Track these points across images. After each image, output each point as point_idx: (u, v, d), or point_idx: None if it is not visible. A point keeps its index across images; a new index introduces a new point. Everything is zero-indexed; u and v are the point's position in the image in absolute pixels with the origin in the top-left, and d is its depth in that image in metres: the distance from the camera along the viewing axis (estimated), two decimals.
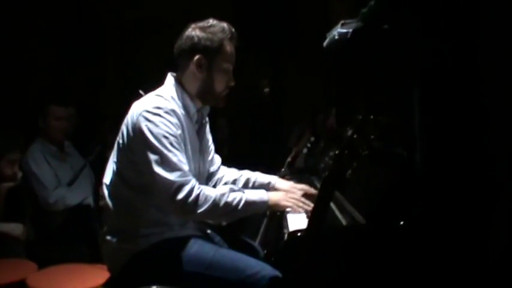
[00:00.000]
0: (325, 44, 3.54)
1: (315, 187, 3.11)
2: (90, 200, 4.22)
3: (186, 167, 2.49)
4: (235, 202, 2.53)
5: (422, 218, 1.99)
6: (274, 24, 7.32)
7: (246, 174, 3.10)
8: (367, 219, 2.05)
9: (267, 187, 3.00)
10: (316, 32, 7.41)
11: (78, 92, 6.98)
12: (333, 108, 4.93)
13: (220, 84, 2.68)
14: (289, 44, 7.68)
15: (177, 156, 2.47)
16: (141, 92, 3.34)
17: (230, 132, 6.41)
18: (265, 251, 3.06)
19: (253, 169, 3.17)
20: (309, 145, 4.83)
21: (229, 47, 2.65)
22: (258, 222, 4.36)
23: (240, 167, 3.20)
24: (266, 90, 7.37)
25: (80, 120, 5.04)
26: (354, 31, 2.95)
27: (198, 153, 2.75)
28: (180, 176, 2.44)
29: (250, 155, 5.74)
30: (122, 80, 7.64)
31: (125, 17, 7.66)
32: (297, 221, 2.51)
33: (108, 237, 2.62)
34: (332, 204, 2.59)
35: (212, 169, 3.06)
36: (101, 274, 3.19)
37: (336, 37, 3.14)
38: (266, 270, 2.51)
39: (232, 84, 2.72)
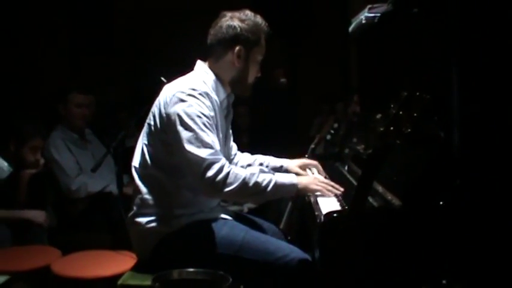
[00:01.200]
0: (350, 29, 3.50)
1: (339, 173, 3.08)
2: (112, 187, 4.19)
3: (217, 147, 2.49)
4: (264, 183, 2.52)
5: (461, 198, 1.94)
6: (290, 13, 7.29)
7: (259, 158, 3.16)
8: (404, 201, 2.01)
9: (280, 170, 3.04)
10: (333, 20, 7.48)
11: (94, 80, 6.97)
12: (355, 95, 4.90)
13: (253, 75, 2.73)
14: (305, 32, 7.66)
15: (210, 136, 2.47)
16: (163, 79, 3.32)
17: (250, 120, 6.38)
18: (289, 237, 3.04)
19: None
20: (332, 131, 4.81)
21: (264, 40, 2.71)
22: (280, 208, 4.34)
23: (262, 154, 3.22)
24: (283, 80, 7.39)
25: (99, 109, 5.01)
26: (383, 15, 2.91)
27: (225, 139, 2.78)
28: (211, 154, 2.44)
29: (270, 143, 5.71)
30: (136, 69, 7.65)
31: (138, 5, 7.65)
32: (328, 205, 2.47)
33: (138, 219, 2.60)
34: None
35: (231, 156, 3.09)
36: (125, 260, 3.18)
37: (363, 21, 3.10)
38: (296, 252, 2.52)
39: (259, 75, 2.77)
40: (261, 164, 3.10)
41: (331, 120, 5.38)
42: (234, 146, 3.14)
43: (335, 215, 2.04)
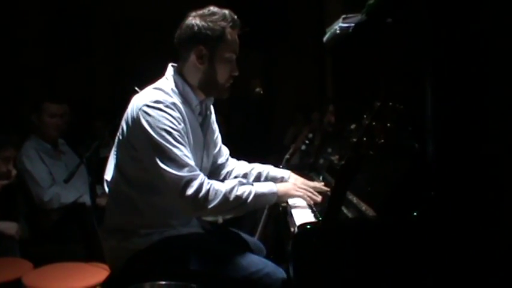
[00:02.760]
0: (325, 39, 3.51)
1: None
2: (85, 198, 4.13)
3: (192, 162, 2.41)
4: (245, 195, 2.47)
5: (436, 209, 1.94)
6: (265, 23, 7.30)
7: (257, 167, 3.03)
8: (379, 212, 2.01)
9: (280, 181, 2.93)
10: (308, 30, 7.51)
11: (70, 88, 6.91)
12: (330, 105, 4.92)
13: (223, 75, 2.57)
14: (281, 42, 7.67)
15: (182, 151, 2.38)
16: (136, 88, 3.29)
17: (226, 130, 6.36)
18: (265, 249, 3.03)
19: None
20: (307, 142, 4.81)
21: (231, 36, 2.53)
22: (255, 217, 4.33)
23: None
24: (258, 90, 7.37)
25: (73, 118, 4.96)
26: (357, 25, 2.92)
27: (202, 147, 2.68)
28: (188, 171, 2.36)
29: (244, 153, 5.69)
30: (114, 76, 7.61)
31: (116, 12, 7.63)
32: (302, 216, 2.46)
33: (109, 235, 2.57)
34: None
35: (220, 161, 2.99)
36: (98, 272, 3.16)
37: (338, 31, 3.10)
38: (269, 267, 2.49)
39: (236, 74, 2.61)
40: (259, 174, 2.98)
41: (306, 131, 5.38)
42: (225, 151, 3.03)
43: (308, 226, 2.03)
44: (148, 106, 2.40)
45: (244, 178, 2.85)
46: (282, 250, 3.14)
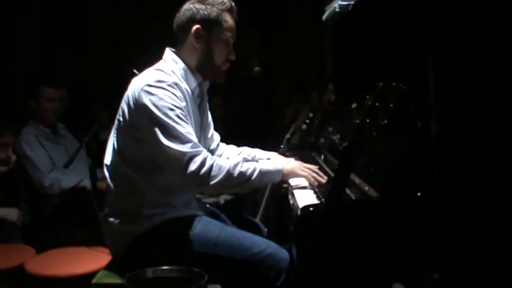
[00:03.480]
0: (324, 17, 3.47)
1: (315, 163, 3.06)
2: (85, 183, 4.12)
3: (195, 139, 2.42)
4: (249, 172, 2.47)
5: (439, 189, 1.93)
6: (263, 2, 7.25)
7: (246, 151, 3.05)
8: (381, 193, 1.99)
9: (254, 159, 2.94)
10: (306, 9, 7.45)
11: (66, 72, 6.87)
12: (329, 84, 4.89)
13: (220, 57, 2.60)
14: (279, 21, 7.62)
15: (185, 128, 2.39)
16: (135, 71, 3.27)
17: (224, 111, 6.34)
18: (266, 229, 3.02)
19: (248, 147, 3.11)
20: (307, 121, 4.78)
21: (228, 18, 2.59)
22: (257, 198, 4.32)
23: (236, 145, 3.15)
24: (257, 69, 7.35)
25: (70, 102, 4.94)
26: (356, 3, 2.88)
27: (200, 129, 2.69)
28: (192, 147, 2.37)
29: (244, 133, 5.68)
30: (110, 59, 7.58)
31: None
32: (304, 197, 2.45)
33: (111, 219, 2.55)
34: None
35: (212, 146, 3.00)
36: (100, 257, 3.15)
37: (337, 10, 3.07)
38: (272, 248, 2.48)
39: (233, 57, 2.64)
40: (246, 157, 2.98)
41: (306, 110, 5.34)
42: (216, 137, 3.05)
43: (311, 208, 2.02)
44: (150, 85, 2.41)
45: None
46: (284, 230, 3.14)
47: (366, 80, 3.04)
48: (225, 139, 3.17)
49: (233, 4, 2.61)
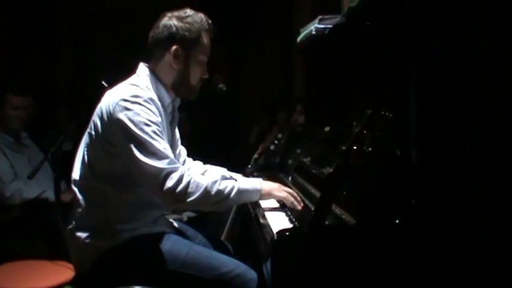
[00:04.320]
0: (299, 39, 3.49)
1: (284, 184, 3.05)
2: (47, 194, 4.04)
3: (172, 155, 2.39)
4: (227, 190, 2.44)
5: (417, 217, 1.94)
6: (233, 20, 7.26)
7: (211, 169, 3.04)
8: (358, 219, 1.99)
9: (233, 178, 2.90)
10: (277, 29, 7.50)
11: (33, 78, 6.77)
12: (298, 105, 4.90)
13: (195, 77, 2.61)
14: (248, 40, 7.65)
15: (162, 144, 2.36)
16: (103, 82, 3.23)
17: (190, 127, 6.30)
18: (231, 249, 3.00)
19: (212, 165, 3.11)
20: (276, 142, 4.78)
21: (206, 39, 2.59)
22: (221, 217, 4.29)
23: (201, 161, 3.14)
24: (220, 86, 7.32)
25: (35, 107, 4.85)
26: (334, 27, 2.90)
27: (170, 145, 2.62)
28: (169, 163, 2.34)
29: (209, 150, 5.66)
30: (77, 64, 7.51)
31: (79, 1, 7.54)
32: (277, 220, 2.43)
33: (78, 234, 2.49)
34: (309, 204, 2.54)
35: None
36: (62, 271, 3.09)
37: (313, 32, 3.08)
38: (241, 268, 2.47)
39: (206, 76, 2.66)
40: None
41: (275, 130, 5.34)
42: (183, 152, 3.03)
43: (287, 233, 2.01)
44: (126, 100, 2.37)
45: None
46: (250, 250, 3.12)
47: (339, 104, 3.07)
48: (190, 155, 3.14)
49: (210, 22, 2.61)
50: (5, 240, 3.90)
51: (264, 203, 2.73)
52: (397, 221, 1.94)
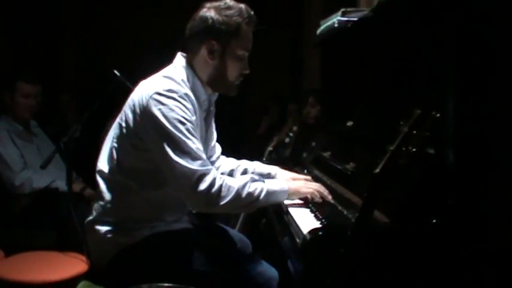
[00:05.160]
0: (318, 31, 3.42)
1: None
2: (58, 184, 3.98)
3: (204, 155, 2.30)
4: (257, 192, 2.37)
5: (453, 217, 1.89)
6: None
7: (244, 164, 2.96)
8: (392, 219, 1.94)
9: (266, 177, 2.80)
10: (286, 21, 7.42)
11: (38, 65, 6.70)
12: (310, 97, 4.85)
13: (233, 73, 2.47)
14: (257, 31, 7.56)
15: (196, 144, 2.27)
16: (116, 72, 3.17)
17: None
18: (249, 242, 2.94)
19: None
20: (290, 134, 4.73)
21: (245, 32, 2.44)
22: None
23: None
24: None
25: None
26: (360, 20, 2.83)
27: (204, 142, 2.55)
28: (201, 165, 2.25)
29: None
30: (81, 52, 7.46)
31: None
32: (303, 218, 2.37)
33: (97, 227, 2.43)
34: (339, 205, 2.49)
35: (212, 158, 2.87)
36: (74, 263, 3.05)
37: (336, 25, 3.01)
38: (262, 266, 2.44)
39: (247, 71, 2.52)
40: (245, 170, 2.90)
41: (289, 123, 5.28)
42: (218, 149, 2.92)
43: (320, 233, 1.97)
44: (160, 94, 2.28)
45: (231, 176, 2.78)
46: (270, 247, 3.08)
47: (360, 100, 3.01)
48: None
49: (252, 13, 2.47)
50: (14, 230, 3.84)
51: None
52: (434, 221, 1.88)
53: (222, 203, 2.26)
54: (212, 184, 2.24)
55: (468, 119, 1.97)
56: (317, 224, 2.24)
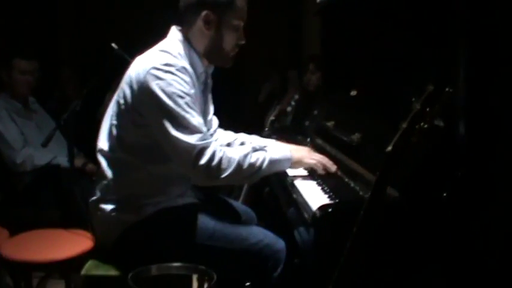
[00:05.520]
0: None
1: (303, 146, 2.97)
2: (59, 160, 3.96)
3: (204, 129, 2.30)
4: (259, 162, 2.36)
5: (462, 190, 1.86)
6: None
7: (241, 137, 2.95)
8: (402, 192, 1.92)
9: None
10: None
11: (35, 40, 6.62)
12: (310, 64, 4.79)
13: (230, 43, 2.45)
14: None
15: (195, 118, 2.26)
16: (113, 45, 3.13)
17: None
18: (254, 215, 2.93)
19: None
20: (293, 103, 4.67)
21: (240, 2, 2.41)
22: None
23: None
24: None
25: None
26: None
27: (203, 116, 2.51)
28: (201, 139, 2.24)
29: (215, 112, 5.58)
30: (78, 26, 7.38)
31: None
32: (311, 192, 2.36)
33: (102, 206, 2.41)
34: (345, 177, 2.46)
35: (210, 132, 2.82)
36: (79, 241, 3.00)
37: None
38: (269, 238, 2.43)
39: (243, 42, 2.49)
40: (242, 144, 2.89)
41: (291, 92, 5.21)
42: (215, 122, 2.89)
43: (330, 209, 1.96)
44: (157, 69, 2.26)
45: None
46: (273, 215, 3.06)
47: (362, 68, 2.97)
48: None
49: None
50: (17, 209, 3.84)
51: (291, 172, 2.64)
52: (444, 194, 1.86)
53: (224, 175, 2.27)
54: (212, 157, 2.24)
55: (479, 92, 1.94)
56: (325, 198, 2.22)
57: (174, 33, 2.47)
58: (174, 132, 2.22)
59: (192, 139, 2.22)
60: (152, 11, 6.59)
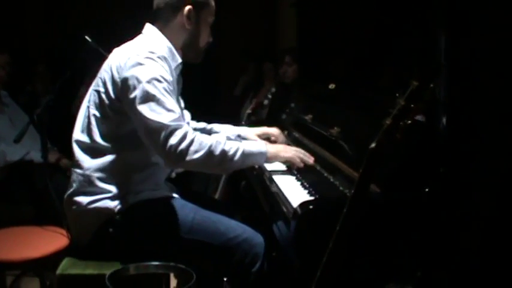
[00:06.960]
0: None
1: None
2: (32, 155, 3.89)
3: (179, 112, 2.30)
4: (231, 151, 2.35)
5: (444, 186, 1.86)
6: None
7: (215, 127, 3.03)
8: (383, 188, 1.91)
9: (238, 139, 2.89)
10: None
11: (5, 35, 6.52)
12: (286, 56, 4.77)
13: (204, 39, 2.58)
14: None
15: (170, 101, 2.28)
16: (87, 37, 3.09)
17: None
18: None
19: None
20: (269, 96, 4.64)
21: (212, 1, 2.57)
22: (209, 175, 4.20)
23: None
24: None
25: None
26: None
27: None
28: (174, 120, 2.25)
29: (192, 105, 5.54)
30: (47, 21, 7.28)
31: None
32: (290, 188, 2.36)
33: (78, 199, 2.39)
34: (324, 172, 2.45)
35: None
36: (54, 238, 2.97)
37: None
38: (248, 233, 2.42)
39: (211, 40, 2.62)
40: (215, 132, 2.94)
41: (267, 84, 5.18)
42: (187, 115, 2.92)
43: (311, 206, 1.94)
44: (139, 55, 2.32)
45: None
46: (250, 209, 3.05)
47: (340, 61, 2.95)
48: None
49: None
50: None
51: (269, 166, 2.63)
52: (426, 190, 1.86)
53: (193, 157, 2.25)
54: (183, 138, 2.24)
55: (459, 86, 1.93)
56: (305, 194, 2.21)
57: (150, 29, 2.55)
58: (148, 113, 2.24)
59: (164, 119, 2.23)
60: (123, 5, 6.53)
